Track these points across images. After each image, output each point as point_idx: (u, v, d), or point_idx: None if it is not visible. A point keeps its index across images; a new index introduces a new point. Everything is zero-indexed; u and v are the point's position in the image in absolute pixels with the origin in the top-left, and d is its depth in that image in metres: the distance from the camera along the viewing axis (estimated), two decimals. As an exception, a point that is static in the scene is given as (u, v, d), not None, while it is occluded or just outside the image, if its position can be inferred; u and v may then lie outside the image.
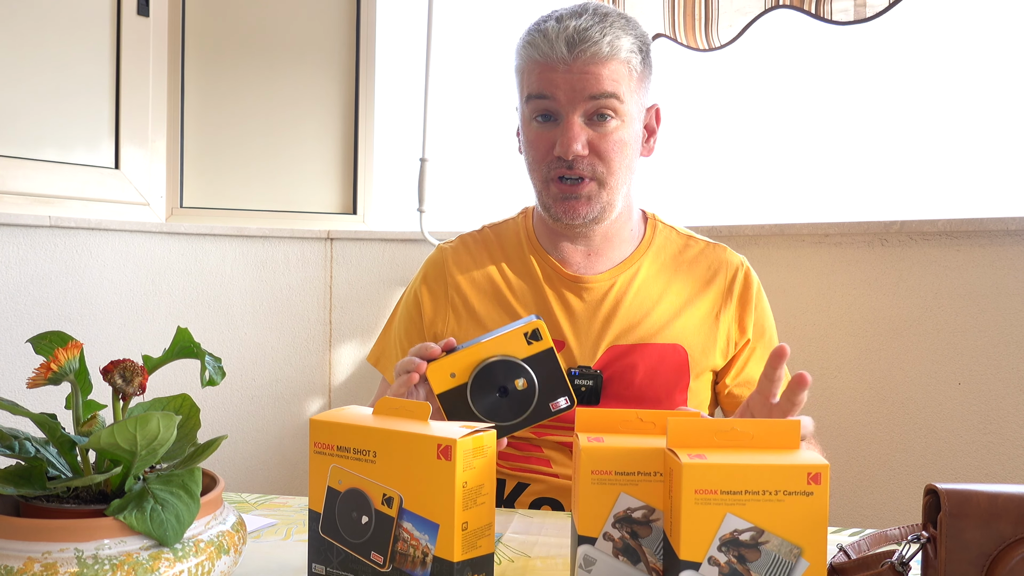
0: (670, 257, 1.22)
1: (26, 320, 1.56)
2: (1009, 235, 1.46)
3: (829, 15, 1.60)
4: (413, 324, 1.25)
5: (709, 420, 0.66)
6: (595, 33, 1.08)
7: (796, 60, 1.85)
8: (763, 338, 1.21)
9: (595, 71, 1.09)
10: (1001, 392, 1.47)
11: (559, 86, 1.10)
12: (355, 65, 2.04)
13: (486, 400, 0.89)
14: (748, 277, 1.22)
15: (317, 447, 0.74)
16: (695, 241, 1.25)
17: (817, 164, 1.85)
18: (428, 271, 1.27)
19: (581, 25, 1.09)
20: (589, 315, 1.17)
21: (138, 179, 1.86)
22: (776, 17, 1.68)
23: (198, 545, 0.64)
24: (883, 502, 1.57)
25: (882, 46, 1.76)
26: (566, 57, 1.09)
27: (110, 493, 0.67)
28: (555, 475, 1.15)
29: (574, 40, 1.08)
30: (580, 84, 1.09)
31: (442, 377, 0.90)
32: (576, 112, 1.10)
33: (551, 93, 1.10)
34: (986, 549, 0.59)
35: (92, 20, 1.78)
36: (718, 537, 0.61)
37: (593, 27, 1.09)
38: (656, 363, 1.15)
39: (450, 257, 1.25)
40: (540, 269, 1.21)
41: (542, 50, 1.10)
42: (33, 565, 0.58)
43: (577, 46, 1.08)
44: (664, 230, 1.25)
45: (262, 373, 1.88)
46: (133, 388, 0.67)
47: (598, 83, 1.09)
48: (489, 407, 0.89)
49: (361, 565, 0.72)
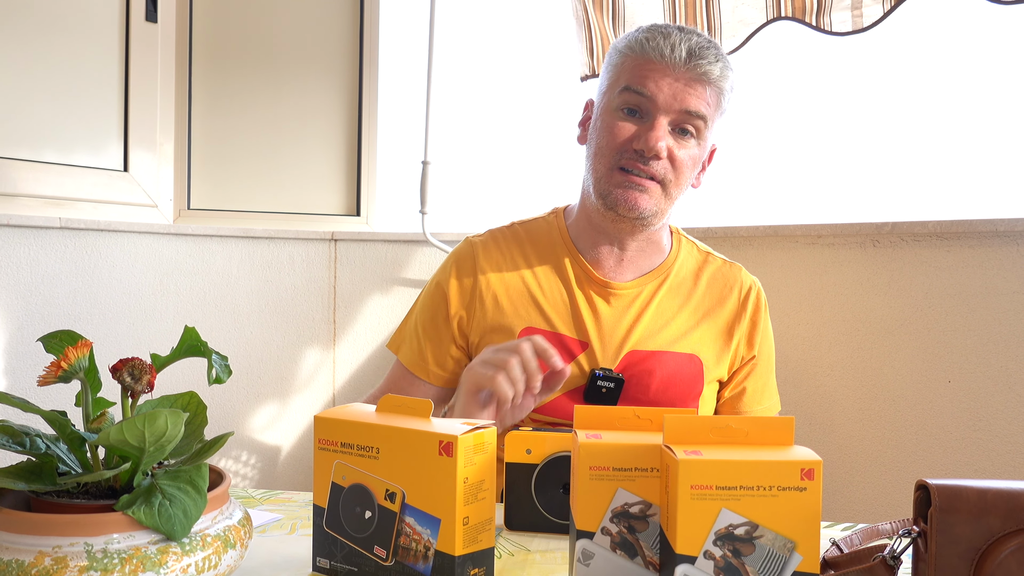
0: (690, 272, 1.24)
1: (37, 319, 1.56)
2: (998, 236, 1.46)
3: (829, 26, 1.61)
4: (438, 313, 1.23)
5: (705, 417, 0.66)
6: (711, 55, 1.11)
7: (791, 66, 1.85)
8: (763, 355, 1.25)
9: (699, 88, 1.11)
10: (990, 390, 1.47)
11: (662, 88, 1.11)
12: (358, 70, 2.04)
13: (548, 491, 0.87)
14: (759, 297, 1.25)
15: (321, 443, 0.74)
16: (713, 258, 1.27)
17: (811, 167, 1.85)
18: (457, 263, 1.25)
19: (702, 43, 1.12)
20: (615, 319, 1.18)
21: (146, 182, 1.86)
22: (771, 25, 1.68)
23: (205, 539, 0.64)
24: (875, 497, 1.57)
25: (875, 52, 1.76)
26: (682, 63, 1.10)
27: (119, 488, 0.67)
28: None
29: (695, 52, 1.10)
30: (683, 94, 1.11)
31: (518, 449, 0.87)
32: (667, 117, 1.11)
33: (652, 92, 1.11)
34: (975, 543, 0.59)
35: (101, 27, 1.78)
36: (713, 531, 0.61)
37: (710, 49, 1.12)
38: (673, 371, 1.17)
39: (480, 251, 1.24)
40: (572, 270, 1.21)
41: (660, 50, 1.11)
42: (44, 559, 0.58)
43: (696, 58, 1.10)
44: (687, 245, 1.27)
45: (267, 371, 1.88)
46: (141, 386, 0.67)
47: (697, 99, 1.11)
48: (548, 499, 0.87)
49: (364, 559, 0.72)
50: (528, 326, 1.18)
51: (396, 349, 1.28)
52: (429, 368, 1.23)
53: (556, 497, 0.87)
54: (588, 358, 1.16)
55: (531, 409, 1.03)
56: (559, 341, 1.16)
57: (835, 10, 1.60)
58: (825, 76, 1.83)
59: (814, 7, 1.62)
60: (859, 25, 1.58)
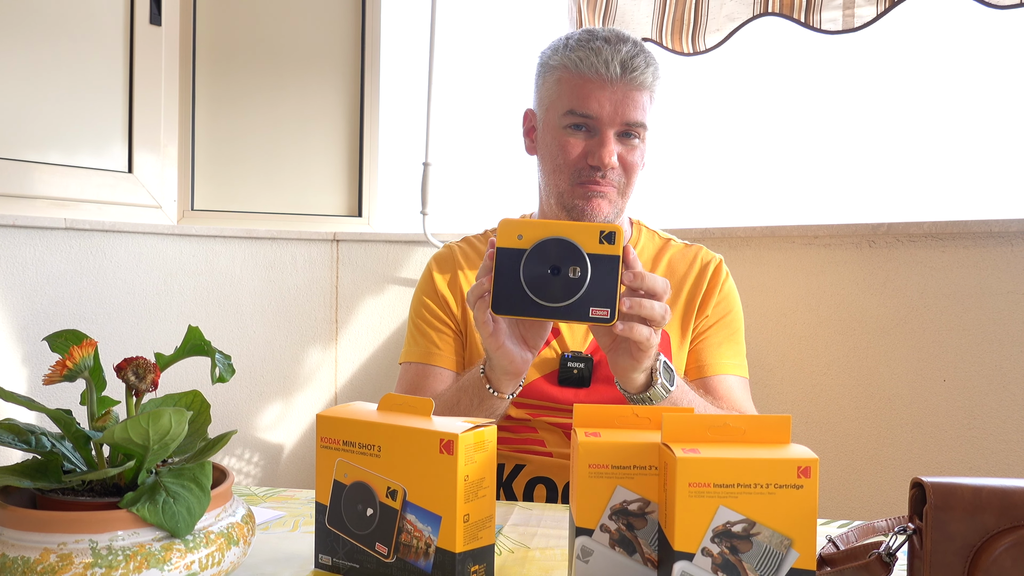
0: (651, 256, 1.30)
1: (42, 319, 1.56)
2: (992, 237, 1.46)
3: (818, 24, 1.59)
4: (430, 302, 1.29)
5: (703, 416, 0.66)
6: (641, 62, 1.15)
7: (787, 69, 1.85)
8: (723, 319, 1.26)
9: (636, 97, 1.16)
10: (984, 388, 1.47)
11: (604, 105, 1.15)
12: (360, 73, 2.04)
13: (536, 271, 0.85)
14: (719, 267, 1.28)
15: (323, 442, 0.74)
16: (675, 243, 1.33)
17: (807, 168, 1.85)
18: (437, 261, 1.32)
19: (630, 52, 1.15)
20: None
21: (151, 183, 1.86)
22: (765, 24, 1.68)
23: (208, 536, 0.64)
24: (870, 495, 1.57)
25: (870, 54, 1.76)
26: (618, 78, 1.14)
27: (123, 486, 0.67)
28: (549, 454, 1.19)
29: (627, 65, 1.14)
30: (623, 107, 1.15)
31: (510, 234, 0.86)
32: (613, 130, 1.16)
33: (596, 112, 1.16)
34: (970, 540, 0.59)
35: (106, 30, 1.78)
36: (711, 529, 0.61)
37: (639, 56, 1.16)
38: None
39: (458, 253, 1.32)
40: None
41: (595, 68, 1.15)
42: (49, 556, 0.59)
43: (629, 71, 1.14)
44: (648, 234, 1.33)
45: (270, 370, 1.88)
46: (146, 385, 0.67)
47: (635, 110, 1.16)
48: (535, 279, 0.85)
49: (366, 556, 0.72)
50: None
51: (405, 357, 1.30)
52: (441, 353, 1.26)
53: (543, 277, 0.85)
54: (559, 342, 1.22)
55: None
56: None
57: (826, 8, 1.58)
58: (822, 78, 1.83)
59: (802, 3, 1.60)
60: (850, 25, 1.56)
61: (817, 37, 1.63)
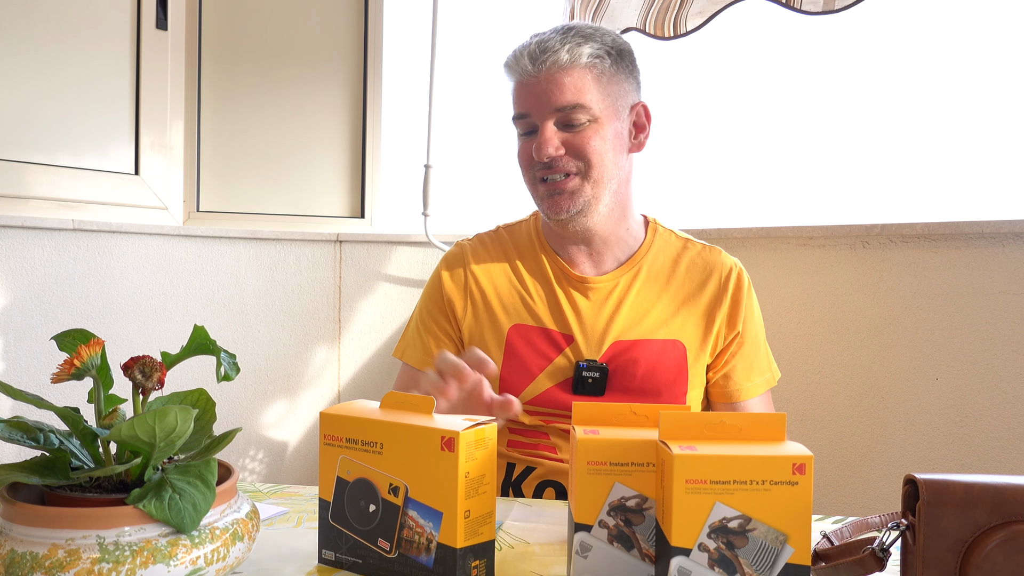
0: (669, 259, 1.24)
1: (50, 319, 1.56)
2: (984, 237, 1.46)
3: (799, 4, 1.58)
4: (436, 306, 1.27)
5: (699, 414, 0.66)
6: (554, 44, 1.12)
7: (783, 72, 1.85)
8: (748, 333, 1.22)
9: (559, 80, 1.12)
10: (976, 387, 1.47)
11: (530, 100, 1.14)
12: (363, 76, 2.04)
13: None
14: (740, 277, 1.23)
15: (327, 439, 0.74)
16: (692, 244, 1.26)
17: (802, 169, 1.85)
18: (449, 262, 1.29)
19: (543, 38, 1.13)
20: (594, 313, 1.20)
21: (157, 184, 1.86)
22: (761, 23, 1.67)
23: (214, 532, 0.64)
24: (864, 491, 1.57)
25: (867, 55, 1.76)
26: (531, 71, 1.13)
27: (130, 483, 0.67)
28: (560, 460, 1.18)
29: (535, 53, 1.12)
30: (545, 96, 1.12)
31: None
32: (548, 120, 1.13)
33: (527, 110, 1.15)
34: (962, 536, 0.59)
35: (113, 34, 1.78)
36: (708, 524, 0.61)
37: (553, 38, 1.12)
38: (657, 357, 1.17)
39: (469, 252, 1.28)
40: (551, 269, 1.23)
41: (514, 69, 1.15)
42: (57, 551, 0.59)
43: (538, 58, 1.12)
44: (664, 233, 1.27)
45: (274, 369, 1.88)
46: (152, 383, 0.67)
47: (561, 94, 1.12)
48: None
49: (369, 551, 0.72)
50: (517, 323, 1.21)
51: (401, 354, 1.30)
52: None
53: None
54: (574, 351, 1.18)
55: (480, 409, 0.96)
56: (547, 335, 1.19)
57: None
58: (818, 81, 1.83)
59: None
60: (831, 6, 1.54)
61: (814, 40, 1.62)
